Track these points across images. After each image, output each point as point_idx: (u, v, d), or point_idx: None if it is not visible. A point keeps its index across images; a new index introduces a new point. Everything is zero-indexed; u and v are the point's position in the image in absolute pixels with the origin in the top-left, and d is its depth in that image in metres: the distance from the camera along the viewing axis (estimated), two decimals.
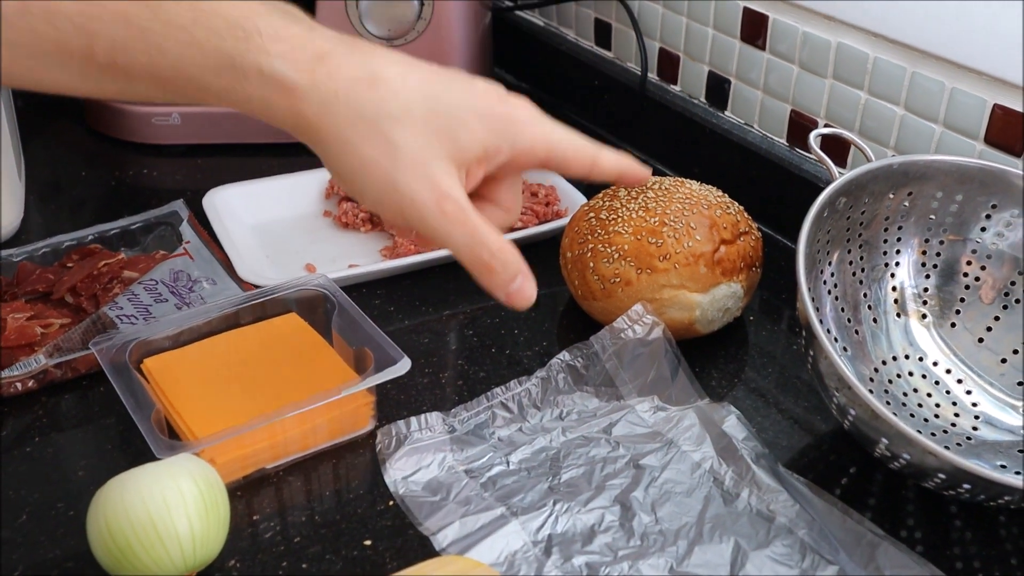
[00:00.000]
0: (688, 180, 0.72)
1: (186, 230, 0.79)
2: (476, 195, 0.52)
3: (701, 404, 0.64)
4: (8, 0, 0.44)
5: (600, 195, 0.73)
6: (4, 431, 0.64)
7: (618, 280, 0.67)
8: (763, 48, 0.82)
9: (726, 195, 0.72)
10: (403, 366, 0.61)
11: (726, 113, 0.88)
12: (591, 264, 0.69)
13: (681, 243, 0.67)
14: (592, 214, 0.71)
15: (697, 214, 0.68)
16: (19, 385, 0.65)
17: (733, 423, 0.62)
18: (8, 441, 0.63)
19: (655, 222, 0.67)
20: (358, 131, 0.48)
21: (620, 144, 0.97)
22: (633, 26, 0.94)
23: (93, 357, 0.66)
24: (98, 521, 0.50)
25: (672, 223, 0.67)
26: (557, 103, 1.05)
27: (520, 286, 0.51)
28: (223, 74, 0.47)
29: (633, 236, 0.67)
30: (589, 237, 0.70)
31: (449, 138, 0.48)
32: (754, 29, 0.83)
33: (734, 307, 0.69)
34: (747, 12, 0.83)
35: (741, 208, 0.71)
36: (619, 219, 0.69)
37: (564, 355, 0.65)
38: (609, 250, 0.68)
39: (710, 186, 0.72)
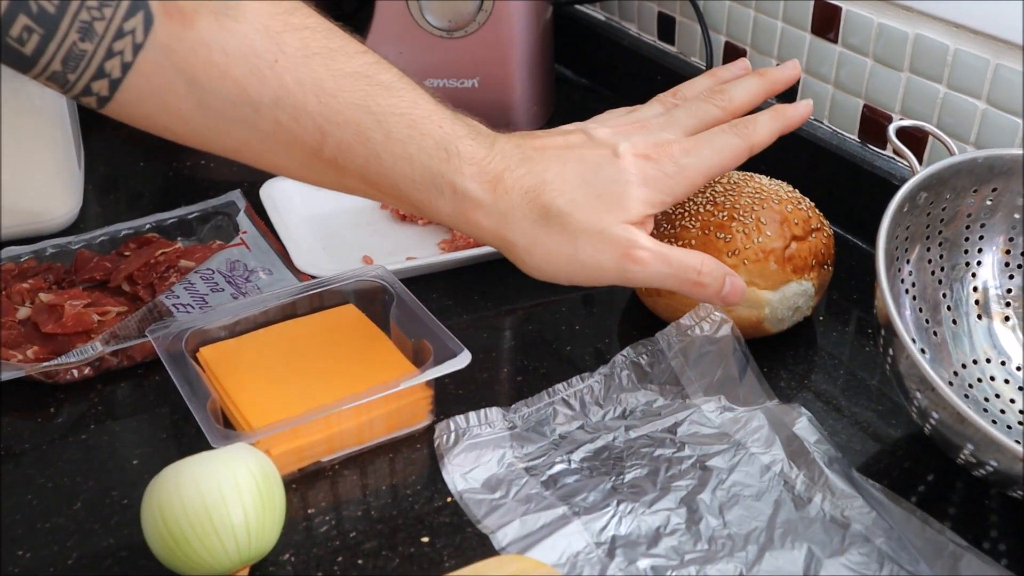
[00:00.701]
0: (757, 174, 0.70)
1: (243, 220, 0.78)
2: None
3: (770, 405, 0.61)
4: (264, 90, 0.50)
5: None
6: (60, 418, 0.63)
7: None
8: (835, 41, 0.80)
9: (797, 190, 0.69)
10: (463, 359, 0.59)
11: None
12: None
13: (751, 238, 0.64)
14: None
15: (767, 209, 0.66)
16: (75, 372, 0.65)
17: (804, 425, 0.59)
18: (63, 428, 0.62)
19: (723, 216, 0.65)
20: (537, 232, 0.55)
21: None
22: (699, 20, 0.91)
23: (149, 345, 0.66)
24: (152, 510, 0.49)
25: (741, 218, 0.65)
26: (619, 99, 1.02)
27: (730, 288, 0.57)
28: (423, 189, 0.54)
29: (700, 230, 0.65)
30: (655, 230, 0.67)
31: (618, 208, 0.55)
32: (826, 21, 0.80)
33: (804, 306, 0.67)
34: (819, 4, 0.80)
35: (812, 204, 0.69)
36: (686, 212, 0.67)
37: (628, 352, 0.63)
38: (676, 244, 0.66)
39: (780, 181, 0.70)
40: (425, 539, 0.54)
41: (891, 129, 0.62)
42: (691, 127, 0.59)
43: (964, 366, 0.63)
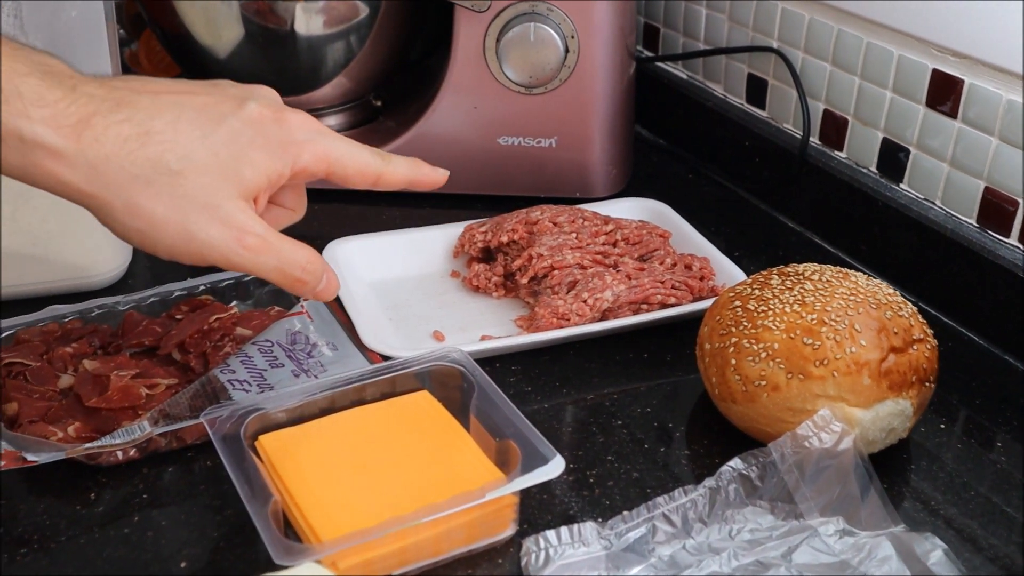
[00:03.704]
0: (853, 272, 0.62)
1: None
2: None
3: (896, 531, 0.54)
4: None
5: (749, 280, 0.64)
6: (100, 506, 0.57)
7: (764, 383, 0.58)
8: (953, 115, 0.73)
9: (898, 293, 0.62)
10: (556, 467, 0.53)
11: (902, 186, 0.79)
12: (733, 361, 0.60)
13: (843, 347, 0.57)
14: (738, 303, 0.62)
15: (864, 314, 0.58)
16: (120, 454, 0.59)
17: (940, 559, 0.52)
18: (104, 517, 0.56)
19: (813, 319, 0.58)
20: (139, 191, 0.48)
21: (772, 212, 0.88)
22: (795, 84, 0.85)
23: (201, 426, 0.60)
24: None
25: (833, 322, 0.58)
26: (701, 163, 0.96)
27: (326, 283, 0.54)
28: None
29: (785, 333, 0.58)
30: (733, 329, 0.61)
31: (234, 176, 0.49)
32: (943, 93, 0.74)
33: (900, 427, 0.59)
34: (937, 74, 0.74)
35: (915, 311, 0.61)
36: (770, 311, 0.60)
37: (736, 462, 0.57)
38: (755, 347, 0.59)
39: (879, 281, 0.62)
40: None
41: None
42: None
43: None
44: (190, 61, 0.91)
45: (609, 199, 0.86)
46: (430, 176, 0.57)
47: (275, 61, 0.87)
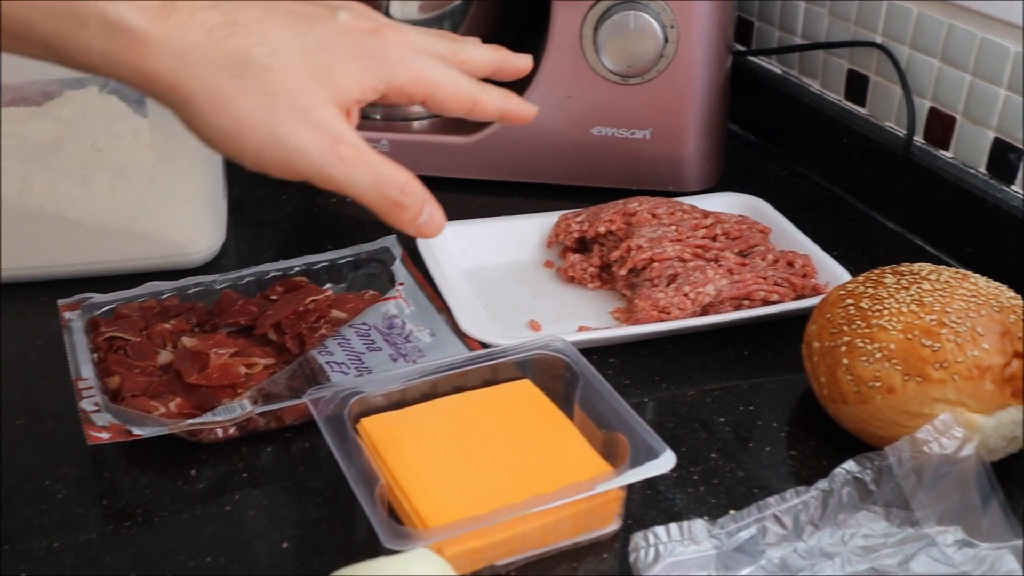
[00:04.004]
0: (972, 274, 0.60)
1: (399, 270, 0.72)
2: None
3: (1020, 544, 0.52)
4: None
5: (861, 278, 0.62)
6: (201, 483, 0.57)
7: (878, 385, 0.56)
8: None
9: (1020, 297, 0.60)
10: (666, 462, 0.51)
11: (1013, 188, 0.76)
12: (845, 361, 0.58)
13: (964, 350, 0.55)
14: (850, 301, 0.60)
15: (986, 317, 0.56)
16: (220, 432, 0.58)
17: None
18: (205, 494, 0.56)
19: (932, 320, 0.56)
20: (225, 85, 0.44)
21: (869, 211, 0.86)
22: (900, 80, 0.83)
23: (299, 408, 0.59)
24: None
25: (954, 324, 0.56)
26: (795, 161, 0.94)
27: (430, 216, 0.50)
28: (59, 18, 0.41)
29: (903, 334, 0.56)
30: (845, 328, 0.59)
31: (327, 80, 0.46)
32: None
33: (1021, 435, 0.57)
34: None
35: None
36: (885, 311, 0.58)
37: (851, 465, 0.55)
38: (870, 347, 0.57)
39: (1000, 284, 0.60)
40: None
41: None
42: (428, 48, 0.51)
43: None
44: None
45: (702, 193, 0.84)
46: (521, 109, 0.54)
47: None
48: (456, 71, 0.51)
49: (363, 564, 0.44)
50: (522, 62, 0.56)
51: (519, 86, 0.87)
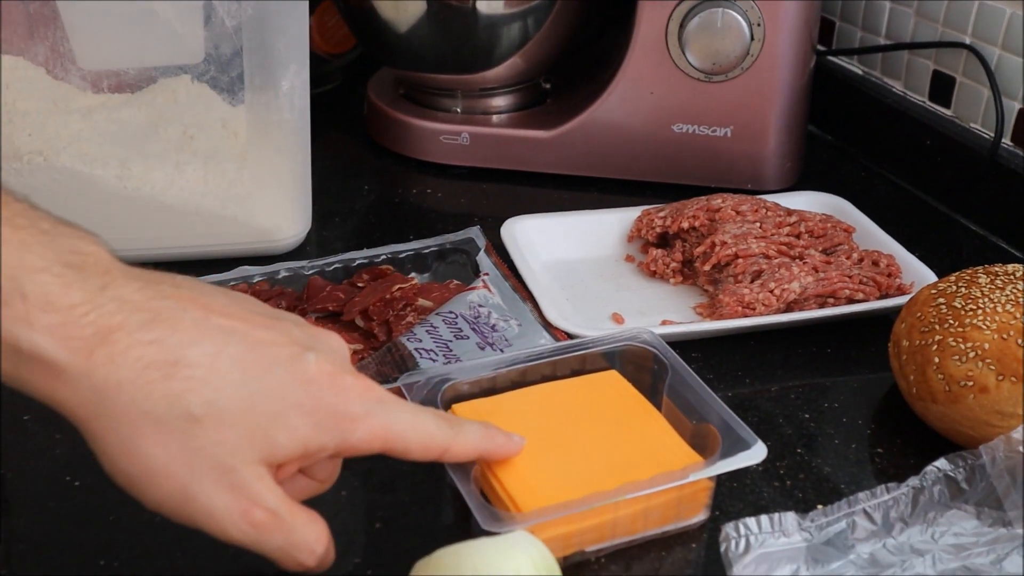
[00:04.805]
0: None
1: (484, 260, 0.73)
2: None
3: None
4: None
5: (952, 277, 0.62)
6: None
7: (970, 384, 0.56)
8: None
9: None
10: (758, 453, 0.52)
11: None
12: (936, 360, 0.58)
13: None
14: (942, 300, 0.60)
15: None
16: None
17: None
18: None
19: None
20: (142, 431, 0.39)
21: (952, 214, 0.85)
22: (989, 82, 0.82)
23: (393, 392, 0.60)
24: None
25: None
26: (878, 163, 0.94)
27: (324, 559, 0.45)
28: None
29: (997, 334, 0.56)
30: (936, 327, 0.58)
31: (263, 439, 0.41)
32: None
33: None
34: None
35: None
36: (979, 310, 0.57)
37: (943, 463, 0.54)
38: (963, 346, 0.57)
39: None
40: None
41: None
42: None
43: None
44: (369, 34, 0.92)
45: (783, 192, 0.84)
46: (504, 446, 0.50)
47: (454, 38, 0.87)
48: (424, 415, 0.47)
49: (466, 544, 0.44)
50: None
51: (601, 84, 0.87)
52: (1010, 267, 0.61)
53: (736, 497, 0.56)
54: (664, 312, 0.71)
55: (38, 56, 0.69)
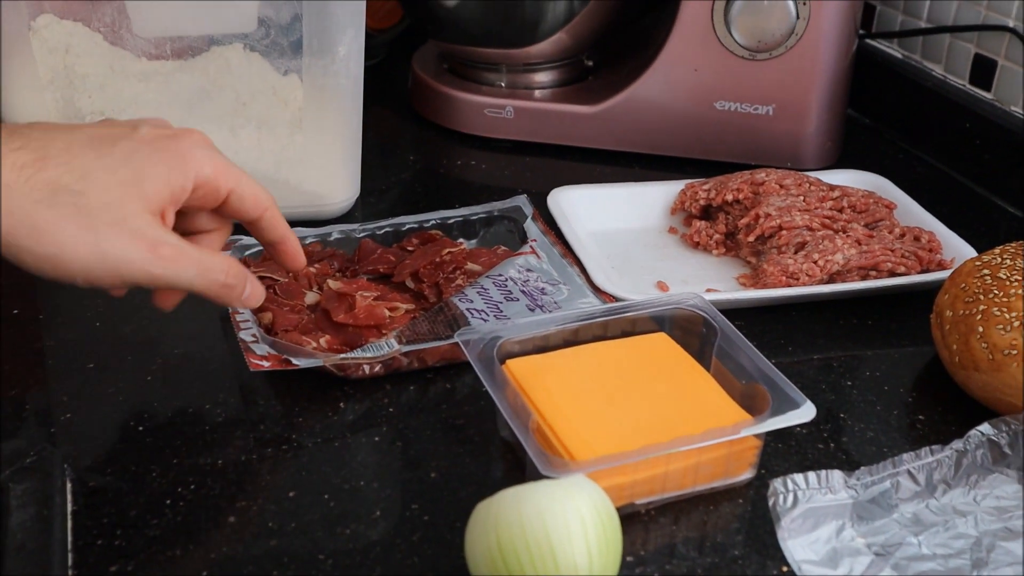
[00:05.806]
0: None
1: (531, 227, 0.74)
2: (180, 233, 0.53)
3: None
4: None
5: (997, 250, 0.63)
6: (349, 415, 0.60)
7: (1014, 352, 0.57)
8: None
9: None
10: (807, 412, 0.53)
11: None
12: (980, 329, 0.59)
13: None
14: (987, 271, 0.61)
15: None
16: (367, 368, 0.61)
17: None
18: (354, 426, 0.59)
19: None
20: (43, 215, 0.47)
21: (990, 196, 0.86)
22: None
23: (441, 349, 0.62)
24: (487, 539, 0.45)
25: None
26: (915, 146, 0.95)
27: (251, 290, 0.55)
28: None
29: None
30: (981, 297, 0.60)
31: (137, 192, 0.49)
32: None
33: None
34: None
35: None
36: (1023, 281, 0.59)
37: (986, 427, 0.56)
38: (1008, 315, 0.58)
39: None
40: None
41: None
42: None
43: None
44: (418, 6, 0.93)
45: (825, 170, 0.85)
46: (297, 249, 0.59)
47: (501, 12, 0.88)
48: (249, 176, 0.55)
49: (527, 485, 0.46)
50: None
51: (645, 61, 0.88)
52: None
53: (782, 457, 0.57)
54: (707, 282, 0.72)
55: (96, 23, 0.71)
